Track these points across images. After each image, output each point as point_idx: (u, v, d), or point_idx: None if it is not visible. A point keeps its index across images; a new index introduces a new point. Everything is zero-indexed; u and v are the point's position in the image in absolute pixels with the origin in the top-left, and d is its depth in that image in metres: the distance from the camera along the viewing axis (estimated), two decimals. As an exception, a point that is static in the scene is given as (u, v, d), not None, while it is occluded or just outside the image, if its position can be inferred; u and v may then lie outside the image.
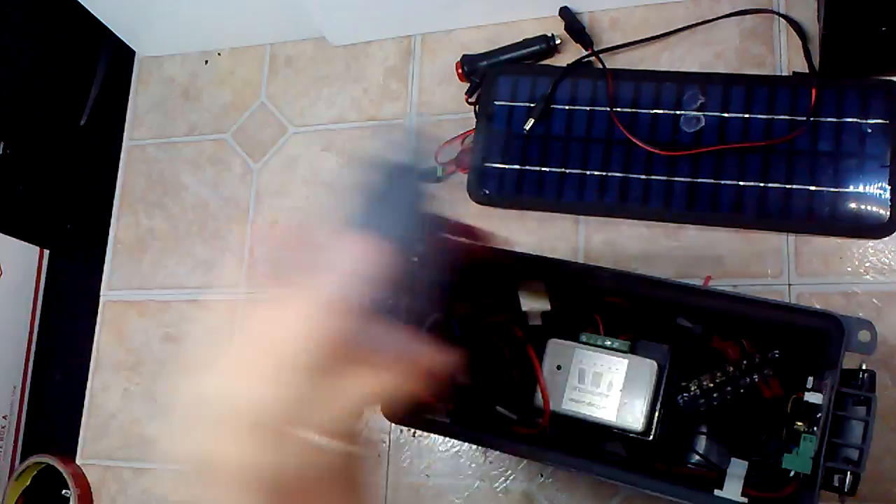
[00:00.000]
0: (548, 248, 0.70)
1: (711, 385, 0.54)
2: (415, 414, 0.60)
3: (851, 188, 0.63)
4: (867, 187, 0.62)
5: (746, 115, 0.66)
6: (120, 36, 0.88)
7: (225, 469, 0.33)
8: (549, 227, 0.70)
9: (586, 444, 0.58)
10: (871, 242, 0.63)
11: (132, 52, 0.90)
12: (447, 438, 0.57)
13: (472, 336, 0.60)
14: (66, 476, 0.77)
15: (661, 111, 0.68)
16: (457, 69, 0.75)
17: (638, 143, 0.67)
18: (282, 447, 0.33)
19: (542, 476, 0.66)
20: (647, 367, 0.54)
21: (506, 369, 0.59)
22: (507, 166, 0.71)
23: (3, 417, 0.81)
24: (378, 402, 0.46)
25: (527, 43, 0.73)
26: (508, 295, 0.59)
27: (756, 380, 0.54)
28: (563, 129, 0.70)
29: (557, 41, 0.72)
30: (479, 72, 0.74)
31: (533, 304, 0.57)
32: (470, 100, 0.75)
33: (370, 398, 0.37)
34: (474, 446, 0.66)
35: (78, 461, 0.80)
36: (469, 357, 0.58)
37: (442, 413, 0.60)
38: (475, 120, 0.73)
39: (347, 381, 0.35)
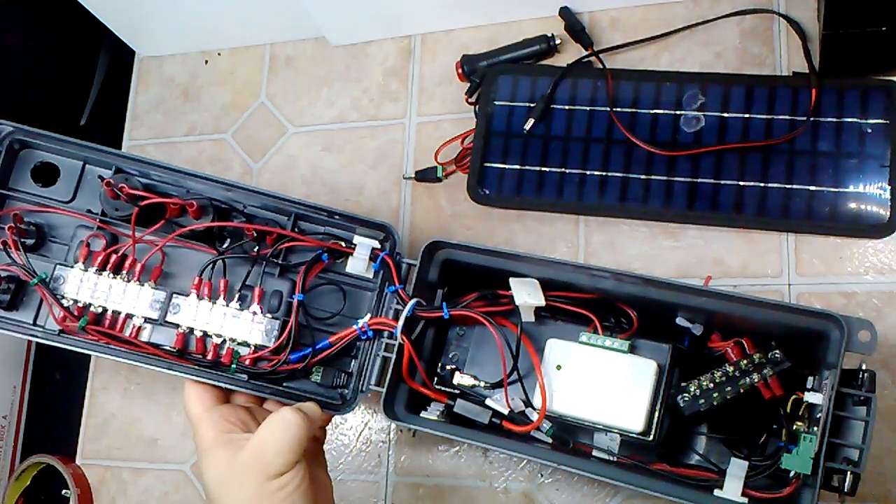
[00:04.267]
0: (548, 248, 0.70)
1: (711, 385, 0.54)
2: (414, 413, 0.61)
3: (851, 188, 0.63)
4: (867, 187, 0.62)
5: (746, 115, 0.66)
6: (120, 36, 0.88)
7: None
8: (549, 227, 0.70)
9: (586, 444, 0.58)
10: (871, 242, 0.63)
11: (132, 52, 0.90)
12: (447, 438, 0.57)
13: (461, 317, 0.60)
14: (66, 476, 0.77)
15: (661, 111, 0.68)
16: (457, 69, 0.75)
17: (638, 143, 0.67)
18: None
19: (542, 476, 0.66)
20: (647, 367, 0.54)
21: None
22: (506, 166, 0.71)
23: (3, 417, 0.81)
24: None
25: (527, 43, 0.73)
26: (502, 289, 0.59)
27: (756, 380, 0.54)
28: (563, 129, 0.70)
29: (557, 41, 0.72)
30: (479, 72, 0.74)
31: (527, 297, 0.57)
32: (470, 100, 0.75)
33: None
34: (474, 446, 0.66)
35: (78, 461, 0.80)
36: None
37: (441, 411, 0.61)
38: (475, 120, 0.73)
39: None
